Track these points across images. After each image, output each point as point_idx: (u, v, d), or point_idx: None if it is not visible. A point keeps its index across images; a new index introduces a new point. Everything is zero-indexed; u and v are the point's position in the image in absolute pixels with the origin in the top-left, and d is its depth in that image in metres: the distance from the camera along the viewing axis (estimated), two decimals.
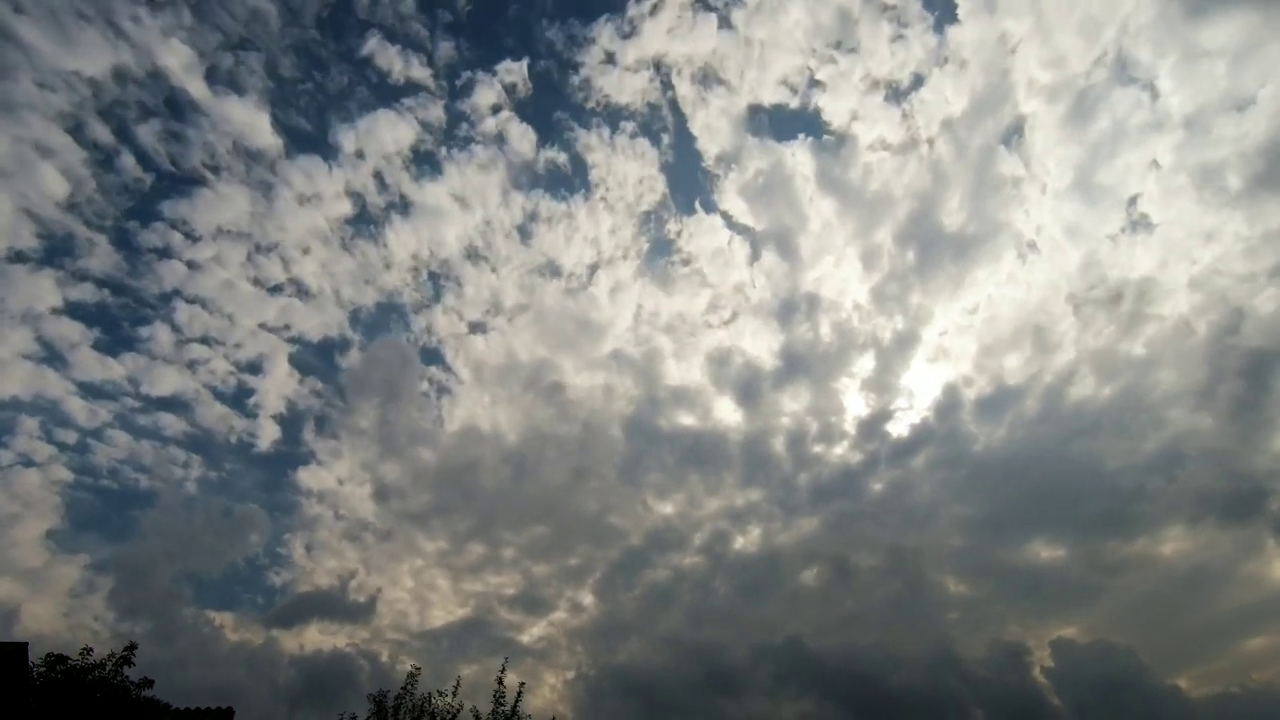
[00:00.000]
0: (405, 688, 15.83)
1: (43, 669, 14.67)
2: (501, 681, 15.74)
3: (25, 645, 14.86)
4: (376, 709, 15.67)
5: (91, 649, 15.04)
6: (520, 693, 15.74)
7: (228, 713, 16.00)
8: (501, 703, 15.60)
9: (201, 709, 16.01)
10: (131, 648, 15.33)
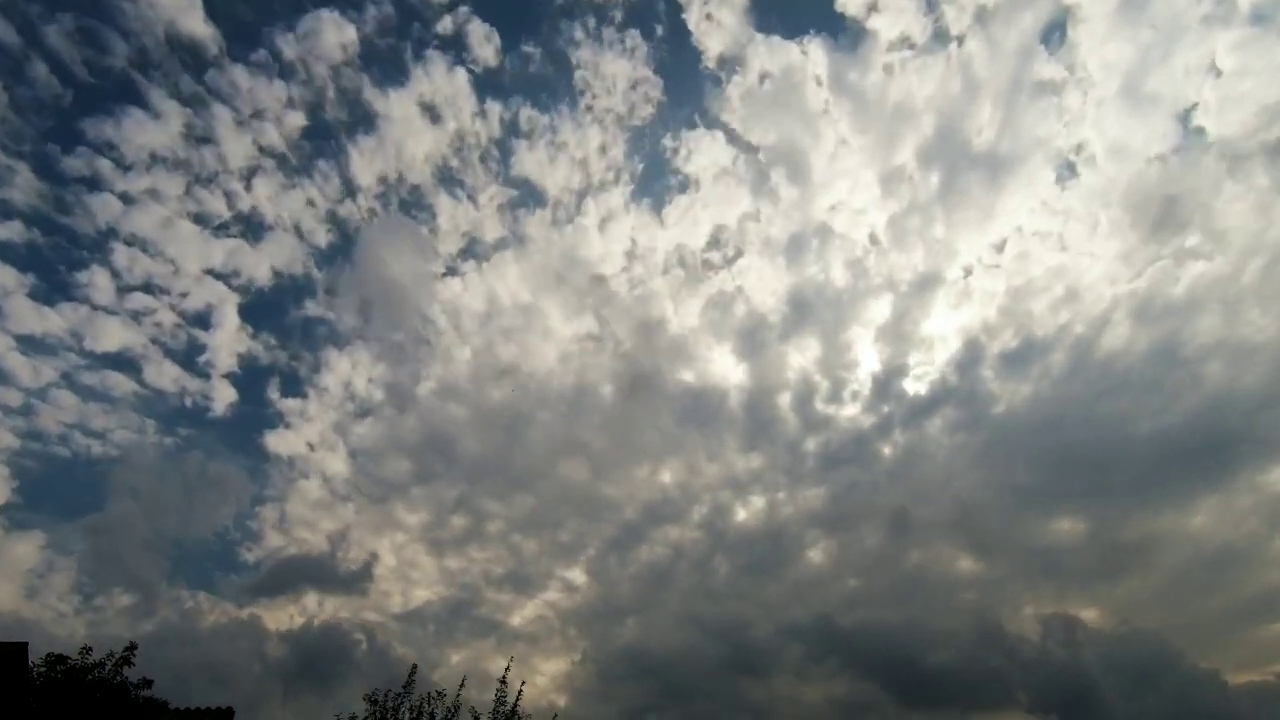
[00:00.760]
0: (405, 687, 15.47)
1: (43, 669, 14.63)
2: (504, 681, 15.36)
3: (25, 645, 14.88)
4: (376, 709, 15.33)
5: (91, 648, 14.98)
6: (520, 692, 15.34)
7: (228, 713, 15.84)
8: (503, 703, 15.20)
9: (201, 709, 15.87)
10: (131, 648, 15.21)
